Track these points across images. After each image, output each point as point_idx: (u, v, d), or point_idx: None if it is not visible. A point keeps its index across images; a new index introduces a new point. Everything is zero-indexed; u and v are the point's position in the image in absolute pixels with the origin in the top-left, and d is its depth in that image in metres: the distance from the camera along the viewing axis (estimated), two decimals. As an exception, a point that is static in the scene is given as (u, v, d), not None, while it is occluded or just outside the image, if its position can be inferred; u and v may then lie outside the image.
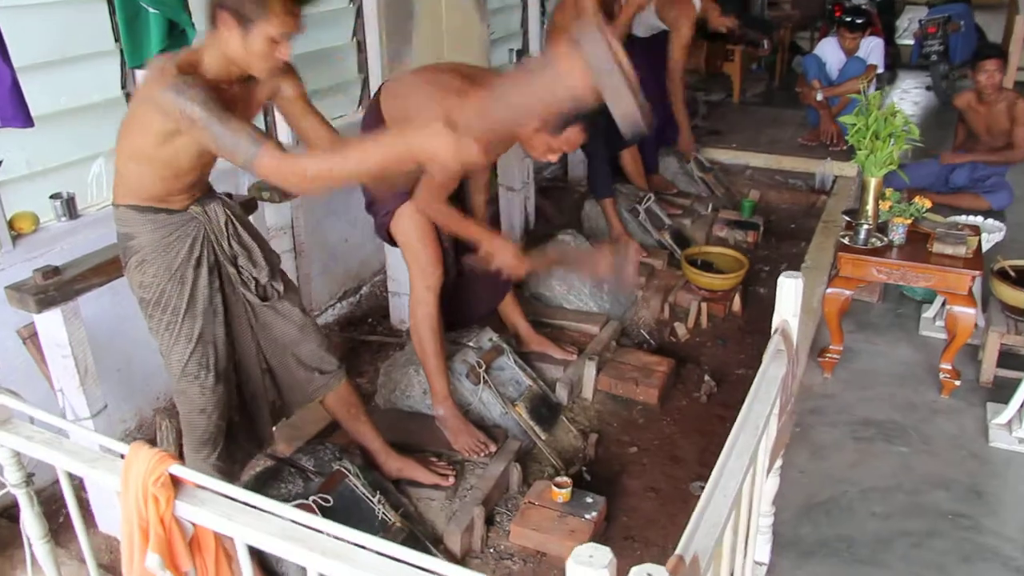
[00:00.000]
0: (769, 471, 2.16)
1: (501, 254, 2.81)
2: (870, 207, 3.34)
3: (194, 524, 1.60)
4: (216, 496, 1.55)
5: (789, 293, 2.08)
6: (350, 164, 1.83)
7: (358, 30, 3.97)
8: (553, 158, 2.68)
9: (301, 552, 1.42)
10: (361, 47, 3.99)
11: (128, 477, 1.60)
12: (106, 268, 2.34)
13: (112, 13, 2.77)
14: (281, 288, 2.38)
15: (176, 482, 1.58)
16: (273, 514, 1.48)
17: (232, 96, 2.02)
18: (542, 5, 5.49)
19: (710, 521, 1.51)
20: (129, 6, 2.66)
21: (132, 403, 3.00)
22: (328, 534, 1.42)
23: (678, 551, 1.34)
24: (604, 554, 1.11)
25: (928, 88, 7.87)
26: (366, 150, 1.82)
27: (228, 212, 2.25)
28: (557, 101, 1.64)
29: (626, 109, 1.52)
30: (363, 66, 4.02)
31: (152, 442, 2.89)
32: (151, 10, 2.67)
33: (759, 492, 2.09)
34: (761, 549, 2.39)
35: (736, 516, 1.77)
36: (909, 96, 7.83)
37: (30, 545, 1.92)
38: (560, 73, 1.56)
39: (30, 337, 2.49)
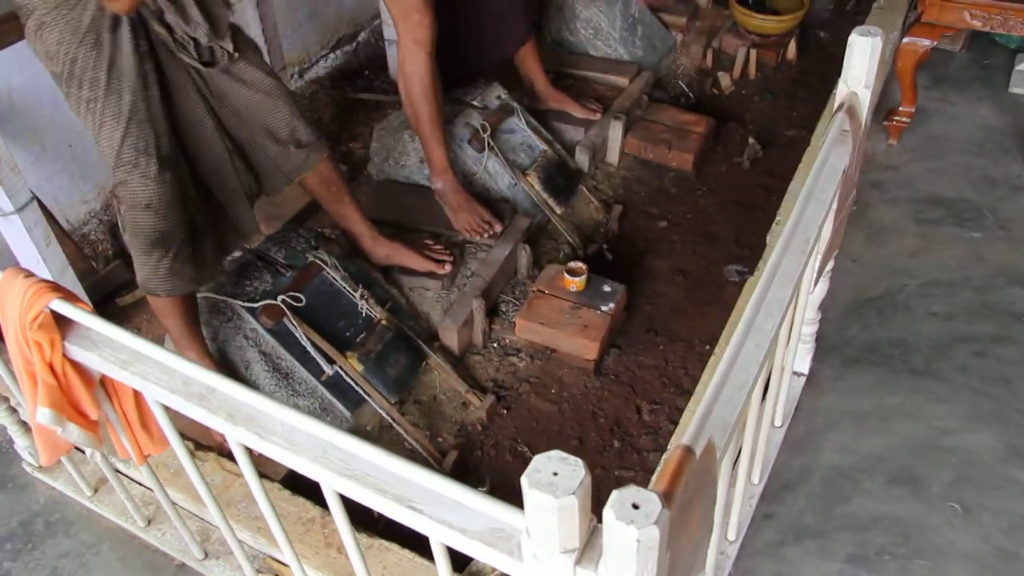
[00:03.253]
0: (818, 279, 1.78)
1: None
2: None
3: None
4: (110, 340, 1.23)
5: (863, 55, 1.58)
6: None
7: None
8: None
9: (201, 413, 1.11)
10: None
11: (5, 312, 1.28)
12: (6, 26, 1.89)
13: None
14: (231, 47, 1.91)
15: (64, 321, 1.25)
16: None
17: None
18: None
19: (737, 380, 1.16)
20: None
21: (92, 180, 2.64)
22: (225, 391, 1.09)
23: (684, 440, 0.99)
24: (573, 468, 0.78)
25: None
26: None
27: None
28: None
29: None
30: None
31: (116, 227, 2.56)
32: None
33: (804, 304, 1.73)
34: (801, 359, 2.07)
35: (772, 347, 1.42)
36: None
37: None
38: None
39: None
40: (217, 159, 2.02)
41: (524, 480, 0.79)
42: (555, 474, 0.79)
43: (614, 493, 0.79)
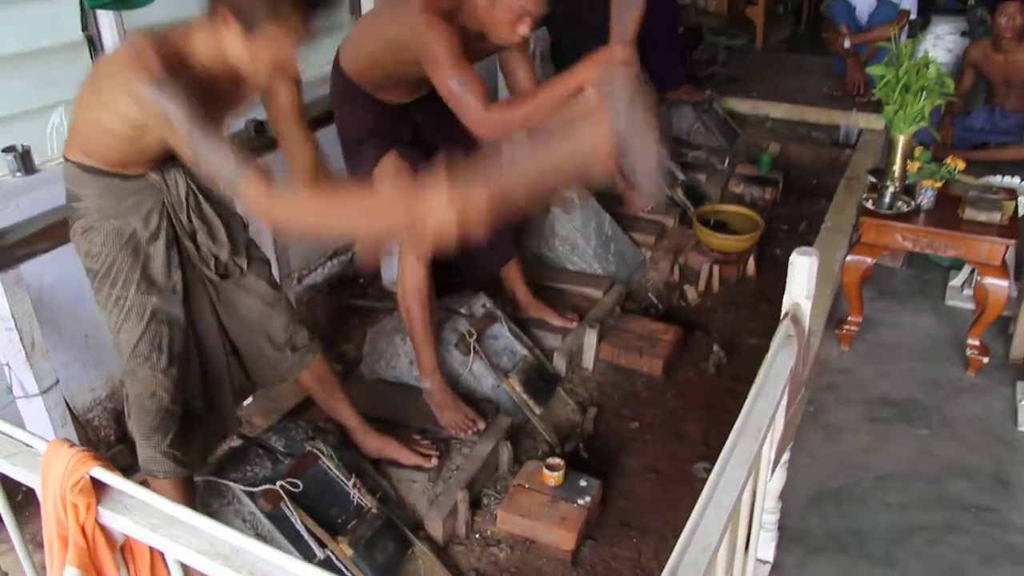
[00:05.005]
0: (775, 467, 1.96)
1: (613, 55, 2.18)
2: (897, 168, 3.08)
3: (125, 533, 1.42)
4: (143, 504, 1.37)
5: (802, 272, 1.84)
6: (341, 223, 1.69)
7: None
8: (525, 29, 2.35)
9: (225, 572, 1.24)
10: (353, 15, 3.72)
11: (47, 478, 1.43)
12: (55, 232, 2.15)
13: (70, -52, 2.54)
14: (245, 264, 2.17)
15: (100, 486, 1.40)
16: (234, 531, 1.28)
17: (216, 91, 1.81)
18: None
19: (700, 544, 1.31)
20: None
21: (101, 370, 2.82)
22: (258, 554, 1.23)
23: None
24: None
25: (963, 34, 7.43)
26: (362, 212, 1.63)
27: (190, 181, 2.03)
28: (578, 163, 1.46)
29: (646, 175, 1.42)
30: (355, 7, 3.76)
31: (120, 414, 2.73)
32: (113, -59, 2.45)
33: (763, 491, 1.89)
34: (765, 547, 2.20)
35: (734, 524, 1.57)
36: (942, 43, 7.39)
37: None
38: (584, 139, 1.42)
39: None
40: (216, 359, 2.22)
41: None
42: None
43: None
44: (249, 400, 2.68)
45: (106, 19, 2.68)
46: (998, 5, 4.47)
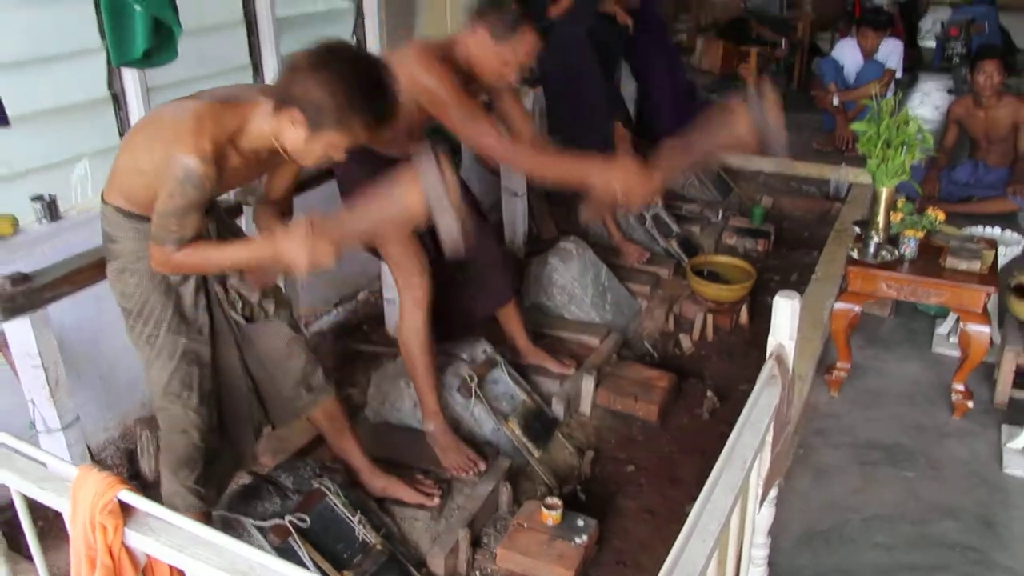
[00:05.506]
0: (763, 501, 2.05)
1: (623, 180, 2.32)
2: (881, 219, 3.21)
3: (147, 553, 1.51)
4: (168, 525, 1.47)
5: (785, 314, 1.96)
6: (215, 261, 2.04)
7: (357, 28, 3.89)
8: (513, 76, 2.61)
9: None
10: (360, 45, 3.90)
11: (77, 502, 1.52)
12: (80, 276, 2.26)
13: (97, 10, 2.70)
14: (272, 308, 2.30)
15: (127, 509, 1.49)
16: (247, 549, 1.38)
17: (254, 161, 2.01)
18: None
19: (685, 571, 1.40)
20: (113, 2, 2.59)
21: (115, 411, 2.92)
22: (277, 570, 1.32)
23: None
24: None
25: (950, 91, 7.69)
26: (238, 248, 2.04)
27: (220, 228, 2.17)
28: (400, 218, 1.97)
29: (450, 230, 1.90)
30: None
31: (133, 453, 2.83)
32: (137, 7, 2.60)
33: (751, 524, 1.98)
34: (756, 582, 2.28)
35: (722, 553, 1.67)
36: (930, 99, 7.65)
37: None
38: (405, 199, 1.90)
39: (4, 343, 2.42)
40: (238, 396, 2.33)
41: None
42: None
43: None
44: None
45: (131, 76, 2.85)
46: (976, 64, 4.67)
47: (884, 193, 3.18)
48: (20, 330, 2.17)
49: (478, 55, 2.56)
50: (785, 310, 1.95)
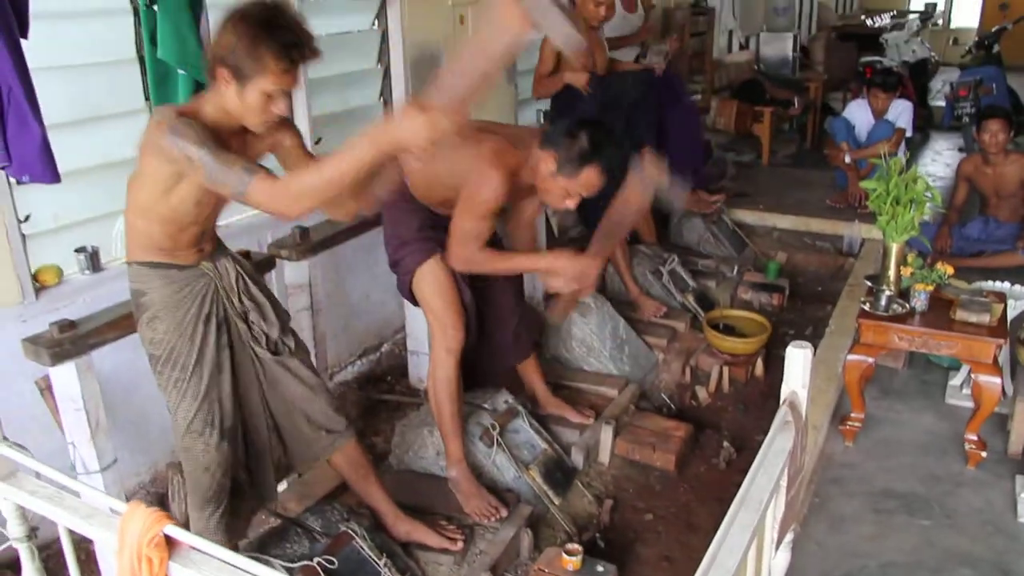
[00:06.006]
0: (779, 545, 2.11)
1: (566, 269, 2.75)
2: (891, 273, 3.30)
3: (189, 586, 1.59)
4: (210, 558, 1.55)
5: (798, 363, 2.05)
6: (328, 170, 1.87)
7: (384, 90, 4.05)
8: (572, 204, 2.72)
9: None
10: (388, 107, 4.07)
11: (124, 536, 1.61)
12: (121, 323, 2.38)
13: (144, 74, 2.87)
14: (292, 344, 2.40)
15: (172, 543, 1.58)
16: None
17: (230, 147, 2.04)
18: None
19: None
20: (160, 68, 2.77)
21: (147, 456, 3.02)
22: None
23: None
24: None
25: (960, 150, 7.82)
26: (341, 154, 1.85)
27: (238, 268, 2.28)
28: (505, 48, 1.73)
29: (566, 33, 1.68)
30: (386, 91, 4.09)
31: (164, 497, 2.91)
32: (180, 71, 2.77)
33: (767, 568, 2.04)
34: (772, 627, 2.32)
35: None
36: (942, 158, 7.77)
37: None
38: (501, 22, 1.69)
39: (47, 388, 2.53)
40: (259, 433, 2.43)
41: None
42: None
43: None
44: (284, 486, 2.85)
45: (171, 136, 2.98)
46: (982, 123, 4.81)
47: (894, 248, 3.27)
48: (65, 375, 2.29)
49: (543, 178, 2.69)
50: (798, 360, 2.04)
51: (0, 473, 1.76)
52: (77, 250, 2.81)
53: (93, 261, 2.82)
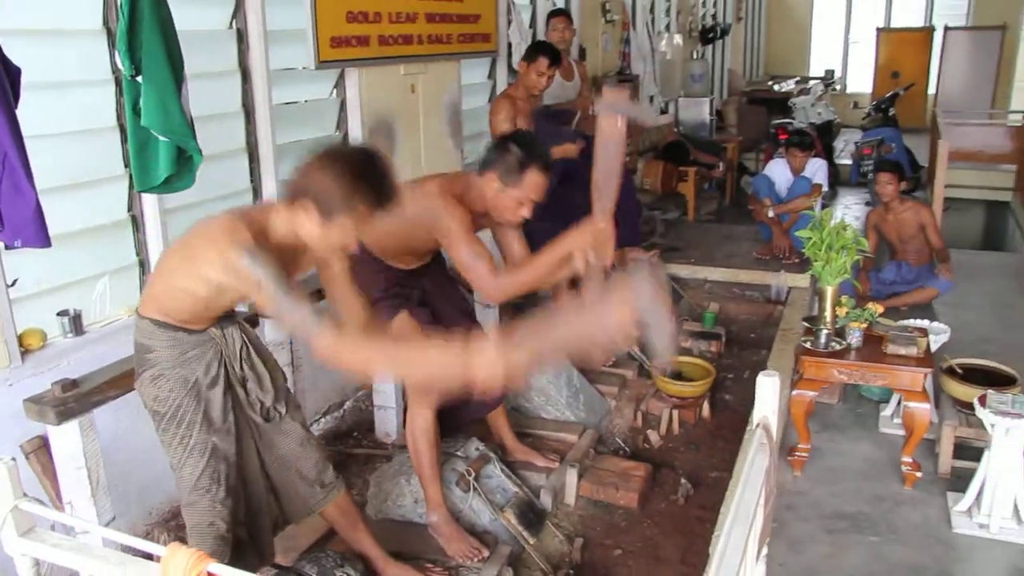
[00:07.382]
0: (758, 557, 2.29)
1: (584, 239, 2.72)
2: (828, 313, 3.59)
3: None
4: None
5: (768, 390, 2.24)
6: (403, 369, 2.05)
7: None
8: (526, 212, 2.82)
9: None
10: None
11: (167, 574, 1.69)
12: (120, 381, 2.45)
13: (124, 142, 2.97)
14: (284, 410, 2.49)
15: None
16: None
17: (284, 257, 2.16)
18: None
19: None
20: (140, 135, 2.84)
21: (126, 519, 3.03)
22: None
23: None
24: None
25: (867, 203, 8.39)
26: (420, 361, 1.96)
27: (244, 336, 2.38)
28: (603, 338, 1.77)
29: (664, 348, 1.73)
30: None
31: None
32: (161, 138, 2.85)
33: (749, 579, 2.21)
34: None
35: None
36: (850, 211, 8.31)
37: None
38: (612, 319, 1.71)
39: (33, 452, 2.55)
40: (258, 492, 2.51)
41: None
42: None
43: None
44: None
45: (149, 200, 3.09)
46: (876, 175, 5.33)
47: (829, 291, 3.57)
48: (67, 433, 2.34)
49: (492, 198, 2.81)
50: (768, 387, 2.23)
51: (20, 529, 1.79)
52: (60, 313, 2.86)
53: (76, 324, 2.88)
